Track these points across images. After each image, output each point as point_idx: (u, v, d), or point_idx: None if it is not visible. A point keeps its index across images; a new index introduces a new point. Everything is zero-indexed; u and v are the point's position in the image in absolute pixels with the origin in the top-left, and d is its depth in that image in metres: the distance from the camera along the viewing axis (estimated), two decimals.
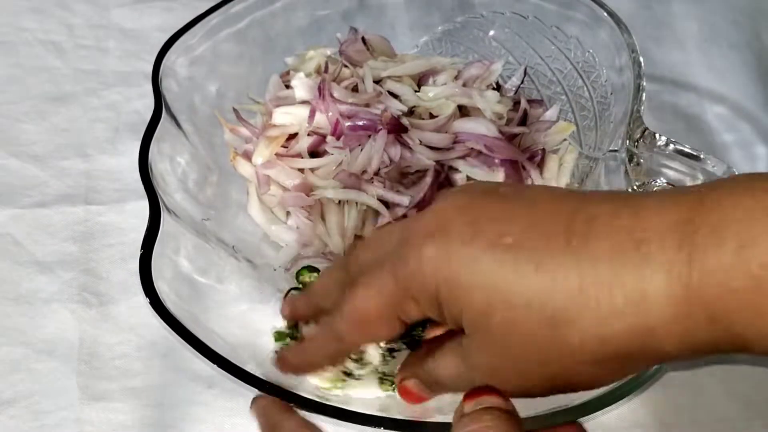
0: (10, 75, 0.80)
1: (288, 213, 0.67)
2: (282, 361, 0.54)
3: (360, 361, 0.59)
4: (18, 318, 0.66)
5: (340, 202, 0.65)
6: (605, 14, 0.68)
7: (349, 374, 0.59)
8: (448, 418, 0.48)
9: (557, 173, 0.69)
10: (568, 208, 0.43)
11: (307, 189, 0.65)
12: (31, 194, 0.72)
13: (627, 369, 0.45)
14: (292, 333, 0.60)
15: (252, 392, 0.53)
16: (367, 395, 0.58)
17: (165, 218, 0.58)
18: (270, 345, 0.60)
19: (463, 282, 0.43)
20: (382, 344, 0.59)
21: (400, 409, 0.54)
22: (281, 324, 0.61)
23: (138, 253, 0.56)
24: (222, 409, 0.61)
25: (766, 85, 0.80)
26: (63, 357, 0.64)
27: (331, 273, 0.55)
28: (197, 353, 0.52)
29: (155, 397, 0.62)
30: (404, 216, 0.64)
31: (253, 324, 0.61)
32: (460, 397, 0.46)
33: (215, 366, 0.52)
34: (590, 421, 0.51)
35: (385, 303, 0.47)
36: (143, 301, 0.54)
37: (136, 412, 0.61)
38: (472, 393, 0.46)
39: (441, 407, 0.54)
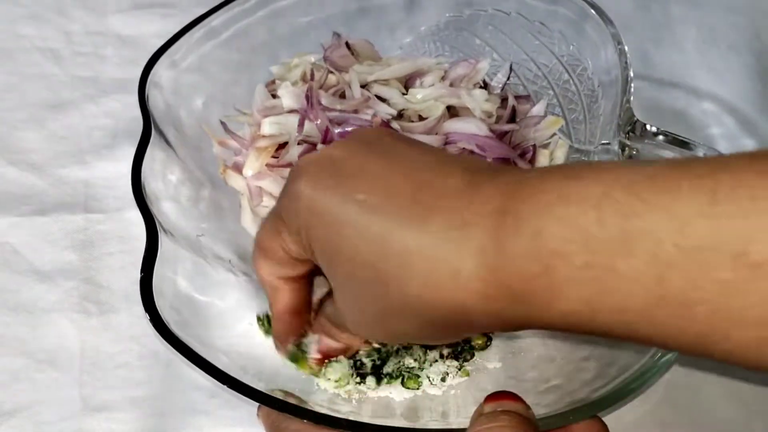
0: (8, 82, 0.76)
1: None
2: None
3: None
4: (18, 328, 0.62)
5: None
6: (589, 8, 0.65)
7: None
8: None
9: None
10: (425, 175, 0.43)
11: None
12: (30, 202, 0.68)
13: (452, 334, 0.47)
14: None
15: (256, 403, 0.51)
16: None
17: (162, 239, 0.55)
18: (272, 357, 0.56)
19: (317, 226, 0.45)
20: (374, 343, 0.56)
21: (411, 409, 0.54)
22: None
23: (138, 261, 0.53)
24: (224, 418, 0.58)
25: (766, 86, 0.76)
26: (64, 367, 0.60)
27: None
28: (203, 372, 0.49)
29: (157, 406, 0.58)
30: None
31: (254, 337, 0.57)
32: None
33: (223, 385, 0.49)
34: None
35: (270, 231, 0.49)
36: (144, 313, 0.51)
37: (138, 421, 0.58)
38: (494, 396, 0.47)
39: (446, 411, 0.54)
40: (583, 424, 0.48)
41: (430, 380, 0.56)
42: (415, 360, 0.56)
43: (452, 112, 0.65)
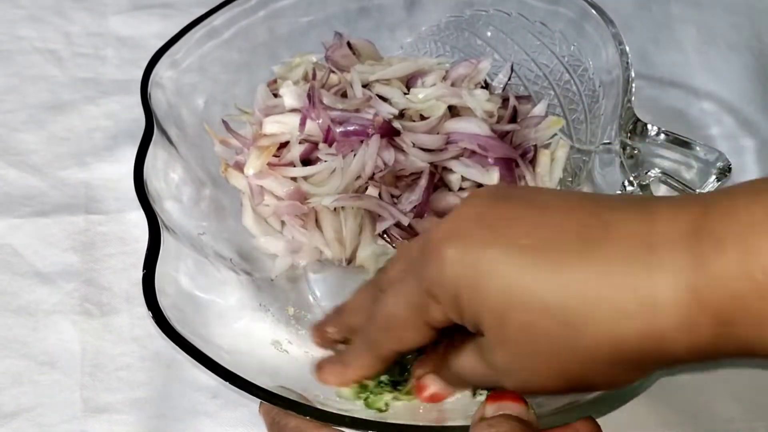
0: (8, 84, 0.75)
1: (283, 223, 0.63)
2: (321, 371, 0.53)
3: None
4: (19, 330, 0.62)
5: (335, 209, 0.61)
6: (589, 8, 0.64)
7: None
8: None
9: (549, 168, 0.66)
10: (581, 213, 0.41)
11: (301, 197, 0.61)
12: (31, 204, 0.68)
13: (641, 370, 0.43)
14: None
15: (257, 401, 0.51)
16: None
17: (164, 237, 0.54)
18: (273, 355, 0.57)
19: (481, 283, 0.42)
20: None
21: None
22: (280, 335, 0.58)
23: (140, 263, 0.52)
24: (226, 419, 0.58)
25: (765, 86, 0.75)
26: (65, 369, 0.60)
27: (362, 291, 0.54)
28: (206, 369, 0.49)
29: (159, 408, 0.58)
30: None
31: (254, 335, 0.57)
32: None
33: (226, 382, 0.49)
34: None
35: (411, 306, 0.46)
36: (145, 311, 0.51)
37: (140, 423, 0.58)
38: (495, 396, 0.45)
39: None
40: (577, 423, 0.47)
41: None
42: None
43: (453, 111, 0.65)
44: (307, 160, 0.63)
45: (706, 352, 0.39)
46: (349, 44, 0.68)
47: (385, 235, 0.61)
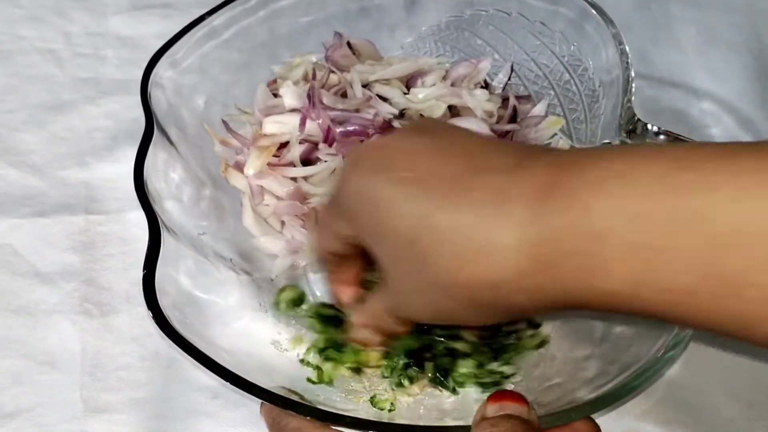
0: (8, 84, 0.75)
1: (283, 223, 0.63)
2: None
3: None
4: (19, 330, 0.61)
5: None
6: (589, 8, 0.64)
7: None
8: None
9: None
10: (473, 156, 0.43)
11: (301, 197, 0.61)
12: (31, 204, 0.67)
13: (491, 314, 0.45)
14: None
15: (258, 401, 0.51)
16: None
17: (165, 237, 0.54)
18: (273, 355, 0.57)
19: (362, 208, 0.45)
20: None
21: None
22: (280, 335, 0.57)
23: (140, 263, 0.52)
24: (226, 419, 0.58)
25: (765, 86, 0.75)
26: (65, 369, 0.60)
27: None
28: (206, 369, 0.49)
29: (159, 408, 0.58)
30: None
31: (255, 335, 0.57)
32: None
33: (226, 382, 0.49)
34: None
35: (324, 213, 0.51)
36: (146, 311, 0.51)
37: (141, 423, 0.57)
38: (496, 396, 0.46)
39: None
40: (576, 424, 0.48)
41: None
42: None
43: (453, 111, 0.65)
44: (307, 160, 0.63)
45: (544, 303, 0.41)
46: (349, 44, 0.68)
47: None
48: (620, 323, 0.54)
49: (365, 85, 0.64)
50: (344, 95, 0.64)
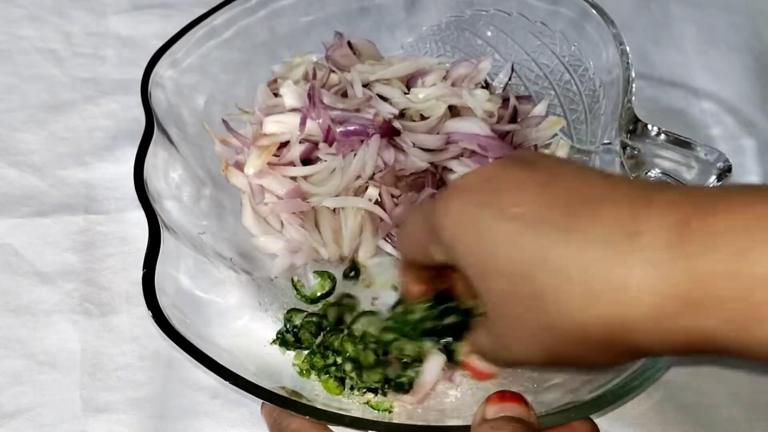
0: (8, 84, 0.75)
1: (282, 223, 0.62)
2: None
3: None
4: (19, 329, 0.61)
5: (334, 209, 0.61)
6: (590, 8, 0.64)
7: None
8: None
9: None
10: (579, 189, 0.41)
11: (301, 197, 0.61)
12: (31, 204, 0.67)
13: (614, 354, 0.42)
14: None
15: (258, 401, 0.52)
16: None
17: (165, 236, 0.54)
18: (273, 354, 0.57)
19: (473, 241, 0.43)
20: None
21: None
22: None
23: (139, 262, 0.52)
24: (226, 419, 0.58)
25: (765, 86, 0.75)
26: (65, 368, 0.60)
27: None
28: (206, 369, 0.49)
29: (159, 407, 0.58)
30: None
31: (255, 334, 0.57)
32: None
33: (225, 382, 0.49)
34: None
35: (417, 232, 0.49)
36: (145, 311, 0.51)
37: (140, 423, 0.58)
38: (496, 396, 0.46)
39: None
40: (575, 423, 0.48)
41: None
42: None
43: (454, 111, 0.65)
44: (307, 160, 0.62)
45: (679, 346, 0.39)
46: (349, 44, 0.68)
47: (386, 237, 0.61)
48: None
49: (365, 85, 0.64)
50: (344, 95, 0.64)
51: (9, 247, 0.65)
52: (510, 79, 0.69)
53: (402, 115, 0.63)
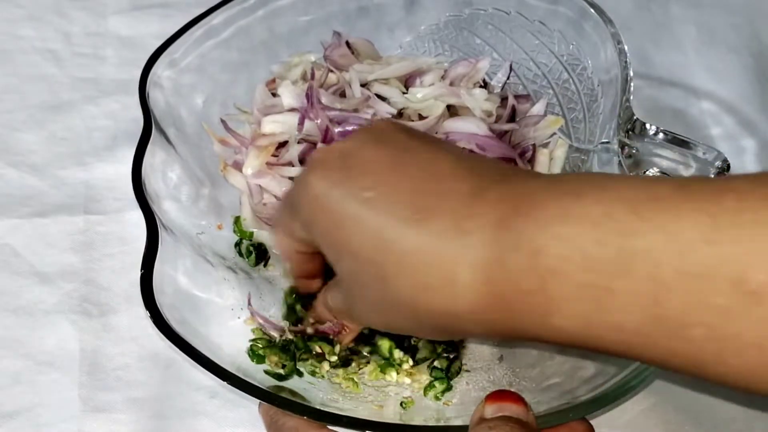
0: (7, 84, 0.75)
1: None
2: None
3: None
4: (18, 330, 0.61)
5: None
6: (589, 7, 0.64)
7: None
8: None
9: (548, 167, 0.66)
10: (433, 177, 0.43)
11: None
12: (30, 204, 0.67)
13: (447, 335, 0.50)
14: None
15: (256, 401, 0.52)
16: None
17: (163, 236, 0.54)
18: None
19: (321, 220, 0.45)
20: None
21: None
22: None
23: (139, 263, 0.52)
24: (225, 419, 0.58)
25: (764, 86, 0.75)
26: (64, 368, 0.60)
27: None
28: (205, 370, 0.49)
29: (158, 407, 0.58)
30: None
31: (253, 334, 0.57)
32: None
33: (224, 382, 0.49)
34: (590, 421, 0.49)
35: (281, 214, 0.51)
36: (144, 311, 0.50)
37: (139, 423, 0.57)
38: (494, 395, 0.46)
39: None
40: (572, 423, 0.48)
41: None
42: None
43: (452, 111, 0.64)
44: (305, 160, 0.62)
45: (499, 335, 0.43)
46: (347, 43, 0.68)
47: None
48: None
49: (364, 85, 0.64)
50: (343, 95, 0.64)
51: (8, 247, 0.65)
52: (508, 78, 0.69)
53: (400, 114, 0.63)
